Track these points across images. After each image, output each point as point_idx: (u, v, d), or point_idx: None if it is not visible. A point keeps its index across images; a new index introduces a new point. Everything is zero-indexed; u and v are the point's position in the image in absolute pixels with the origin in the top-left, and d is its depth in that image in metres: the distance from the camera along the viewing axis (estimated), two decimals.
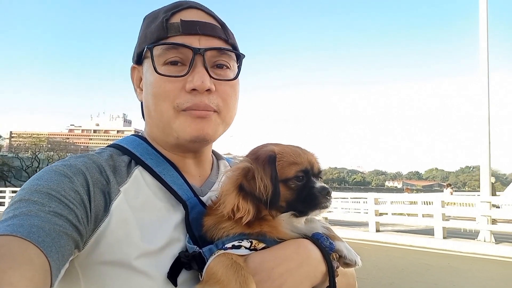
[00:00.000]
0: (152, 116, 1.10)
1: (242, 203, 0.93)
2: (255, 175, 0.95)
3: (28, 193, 0.85)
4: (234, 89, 1.13)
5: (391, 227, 17.23)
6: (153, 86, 1.06)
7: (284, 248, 0.94)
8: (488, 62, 14.58)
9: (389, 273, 8.93)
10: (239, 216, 0.93)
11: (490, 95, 14.48)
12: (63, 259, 0.79)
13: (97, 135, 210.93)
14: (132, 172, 1.04)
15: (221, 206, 0.96)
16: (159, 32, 1.06)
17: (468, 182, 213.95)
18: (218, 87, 1.07)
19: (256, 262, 0.91)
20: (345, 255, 1.00)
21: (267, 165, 0.96)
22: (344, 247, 1.02)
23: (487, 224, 13.02)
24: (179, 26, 1.05)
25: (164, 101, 1.05)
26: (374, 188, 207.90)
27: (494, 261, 10.85)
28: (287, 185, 0.97)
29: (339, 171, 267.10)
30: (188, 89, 1.03)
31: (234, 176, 0.97)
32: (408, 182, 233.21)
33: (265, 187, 0.93)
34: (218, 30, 1.09)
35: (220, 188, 1.01)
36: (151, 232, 0.97)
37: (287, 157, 0.99)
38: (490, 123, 14.30)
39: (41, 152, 74.52)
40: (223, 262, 0.87)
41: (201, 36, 1.06)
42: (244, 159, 1.02)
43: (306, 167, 0.99)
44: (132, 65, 1.20)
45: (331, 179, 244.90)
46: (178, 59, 1.05)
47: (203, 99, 1.04)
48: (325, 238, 0.98)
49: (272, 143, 1.05)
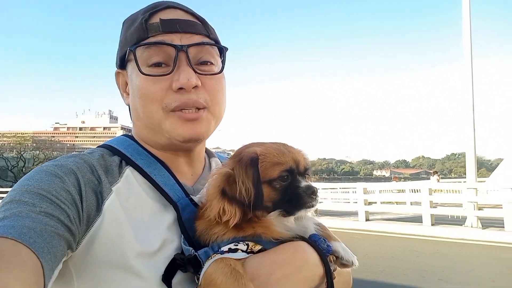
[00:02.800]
0: (141, 118, 1.09)
1: (228, 207, 0.92)
2: (236, 179, 0.94)
3: (19, 193, 0.83)
4: (220, 83, 1.12)
5: (380, 215, 17.47)
6: (139, 89, 1.05)
7: (281, 252, 0.93)
8: (472, 50, 14.81)
9: (380, 261, 9.06)
10: (225, 219, 0.91)
11: (474, 82, 14.71)
12: (56, 260, 0.78)
13: (83, 133, 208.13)
14: (123, 172, 1.03)
15: (208, 210, 0.95)
16: (139, 33, 1.04)
17: (454, 168, 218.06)
18: (204, 82, 1.06)
19: (254, 267, 0.90)
20: (342, 256, 1.00)
21: (249, 168, 0.94)
22: (340, 247, 1.01)
23: (473, 210, 13.28)
24: (159, 26, 1.03)
25: (152, 103, 1.03)
26: (363, 178, 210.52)
27: (481, 246, 11.09)
28: (272, 186, 0.95)
29: (328, 161, 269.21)
30: (175, 88, 1.02)
31: (217, 181, 0.97)
32: (396, 171, 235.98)
33: (246, 190, 0.92)
34: (198, 26, 1.08)
35: (206, 193, 1.00)
36: (144, 233, 0.96)
37: (270, 157, 0.97)
38: (474, 111, 14.55)
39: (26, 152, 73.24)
40: (222, 269, 0.85)
41: (182, 34, 1.04)
42: (227, 163, 1.01)
43: (291, 166, 0.97)
44: (116, 70, 1.18)
45: (320, 169, 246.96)
46: (161, 59, 1.03)
47: (191, 96, 1.03)
48: (322, 240, 0.96)
49: (256, 143, 1.03)
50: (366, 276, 7.58)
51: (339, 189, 27.27)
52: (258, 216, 0.94)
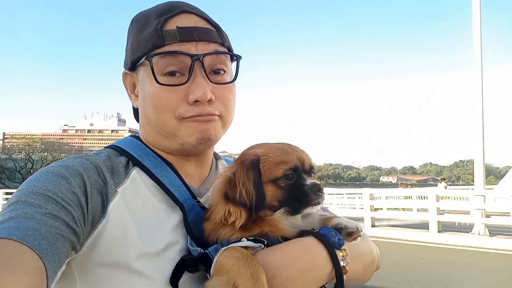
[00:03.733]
0: (153, 125, 1.09)
1: (233, 209, 0.93)
2: (236, 182, 0.95)
3: (24, 194, 0.84)
4: (232, 92, 1.12)
5: (387, 222, 17.31)
6: (153, 96, 1.04)
7: (288, 251, 0.92)
8: (482, 57, 14.68)
9: (385, 268, 8.98)
10: (231, 220, 0.92)
11: (483, 89, 14.58)
12: (60, 262, 0.78)
13: (91, 135, 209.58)
14: (130, 173, 1.03)
15: (214, 213, 0.96)
16: (154, 40, 1.03)
17: (462, 176, 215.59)
18: (217, 93, 1.06)
19: (261, 260, 0.88)
20: (345, 226, 0.98)
21: (250, 170, 0.95)
22: (341, 219, 1.00)
23: (481, 217, 13.13)
24: (176, 34, 1.02)
25: (166, 112, 1.04)
26: (369, 184, 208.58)
27: (488, 254, 10.95)
28: (277, 185, 0.96)
29: (334, 167, 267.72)
30: (190, 100, 1.02)
31: (219, 186, 0.98)
32: (403, 177, 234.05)
33: (247, 192, 0.93)
34: (214, 34, 1.08)
35: (210, 197, 1.02)
36: (149, 234, 0.96)
37: (273, 157, 0.97)
38: (483, 118, 14.40)
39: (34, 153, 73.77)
40: (233, 254, 0.86)
41: (198, 42, 1.04)
42: (231, 166, 1.03)
43: (296, 164, 0.98)
44: (124, 71, 1.17)
45: (326, 175, 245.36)
46: (177, 68, 1.03)
47: (206, 108, 1.04)
48: (333, 234, 0.94)
49: (259, 144, 1.04)
50: (371, 283, 7.44)
51: (345, 195, 27.12)
52: (263, 216, 0.95)
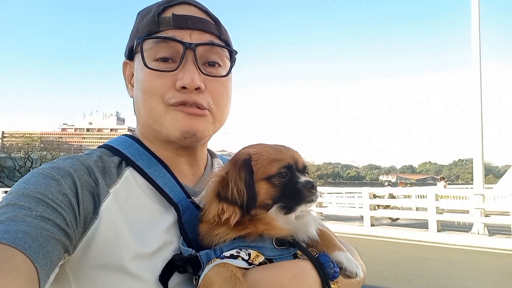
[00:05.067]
0: (142, 113, 1.08)
1: (226, 206, 0.92)
2: (228, 181, 0.94)
3: (15, 197, 0.82)
4: (225, 87, 1.10)
5: (386, 221, 17.34)
6: (142, 82, 1.05)
7: (283, 272, 0.88)
8: (480, 55, 14.69)
9: (384, 267, 8.99)
10: (225, 217, 0.91)
11: (482, 88, 14.58)
12: (52, 264, 0.77)
13: (90, 134, 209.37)
14: (123, 173, 1.02)
15: (207, 213, 0.95)
16: (150, 26, 1.04)
17: (461, 175, 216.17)
18: (208, 85, 1.05)
19: (252, 283, 0.85)
20: (345, 267, 0.94)
21: (241, 169, 0.95)
22: (344, 258, 0.96)
23: (480, 216, 13.14)
24: (171, 20, 1.03)
25: (153, 97, 1.03)
26: (369, 183, 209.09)
27: (488, 253, 10.97)
28: (271, 182, 0.95)
29: (334, 166, 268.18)
30: (178, 86, 1.01)
31: (212, 185, 0.98)
32: (402, 176, 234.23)
33: (238, 191, 0.92)
34: (210, 25, 1.07)
35: (204, 196, 1.00)
36: (142, 234, 0.94)
37: (266, 155, 0.97)
38: (482, 116, 14.42)
39: (34, 152, 73.92)
40: (221, 273, 0.84)
41: (193, 31, 1.04)
42: (224, 166, 1.03)
43: (289, 162, 0.97)
44: (124, 60, 1.18)
45: (325, 174, 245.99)
46: (169, 55, 1.03)
47: (193, 96, 1.02)
48: (330, 265, 0.91)
49: (252, 145, 1.04)
50: (370, 282, 7.52)
51: (344, 194, 27.13)
52: (256, 215, 0.94)
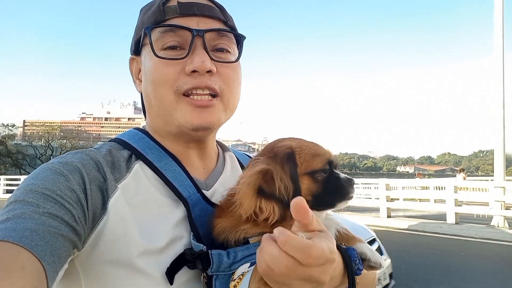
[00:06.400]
0: (153, 105, 1.06)
1: (266, 204, 0.86)
2: (274, 176, 0.88)
3: (23, 193, 0.82)
4: (236, 73, 1.08)
5: (403, 212, 17.16)
6: (151, 72, 1.02)
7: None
8: (503, 44, 14.22)
9: (400, 259, 8.91)
10: (263, 217, 0.86)
11: (505, 77, 14.15)
12: (60, 262, 0.76)
13: (109, 123, 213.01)
14: (132, 167, 1.00)
15: (239, 209, 0.88)
16: (156, 16, 1.02)
17: (482, 166, 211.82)
18: (219, 70, 1.03)
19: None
20: (369, 258, 0.94)
21: (285, 163, 0.90)
22: (367, 249, 0.95)
23: (500, 209, 12.89)
24: (177, 8, 1.01)
25: (163, 86, 1.01)
26: (386, 173, 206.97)
27: (507, 247, 10.74)
28: (314, 178, 0.92)
29: (350, 156, 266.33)
30: (188, 71, 0.99)
31: (251, 179, 0.89)
32: (420, 167, 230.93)
33: (285, 187, 0.87)
34: (216, 11, 1.06)
35: (236, 191, 0.92)
36: (151, 230, 0.93)
37: (308, 150, 0.94)
38: (504, 106, 14.02)
39: (54, 140, 75.39)
40: None
41: (200, 18, 1.02)
42: (260, 159, 0.95)
43: (329, 158, 0.95)
44: (130, 56, 1.17)
45: (342, 164, 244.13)
46: (177, 43, 1.01)
47: (205, 80, 1.00)
48: (356, 261, 0.86)
49: (288, 138, 1.00)
50: None
51: (361, 185, 26.95)
52: None
